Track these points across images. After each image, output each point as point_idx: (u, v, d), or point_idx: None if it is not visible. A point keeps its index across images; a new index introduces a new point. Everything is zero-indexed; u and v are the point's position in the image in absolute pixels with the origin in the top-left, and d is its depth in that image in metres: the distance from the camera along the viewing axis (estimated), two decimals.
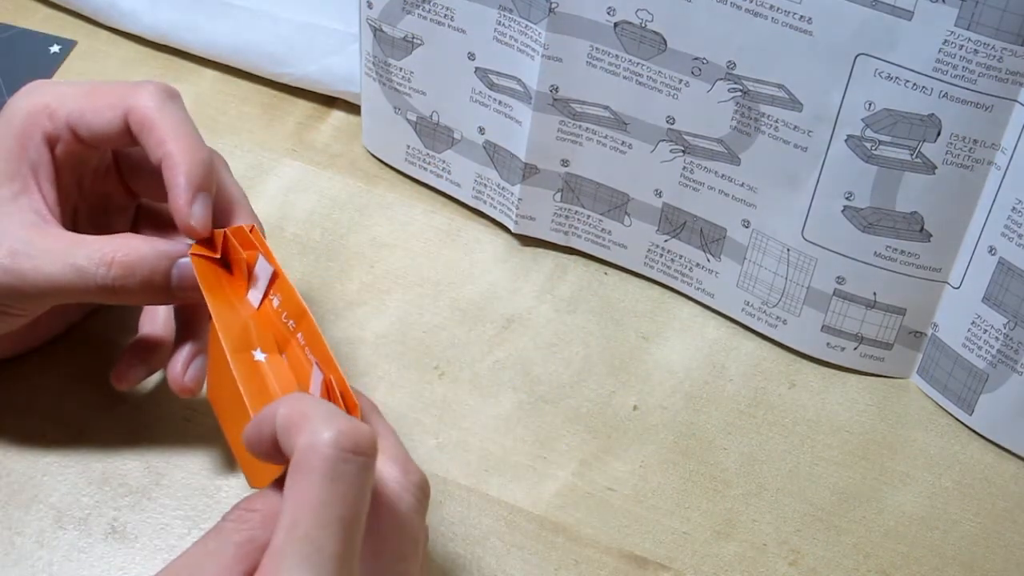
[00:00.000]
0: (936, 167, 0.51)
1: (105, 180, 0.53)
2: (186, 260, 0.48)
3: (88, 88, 0.50)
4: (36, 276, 0.47)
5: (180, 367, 0.50)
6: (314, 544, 0.36)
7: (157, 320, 0.53)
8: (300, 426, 0.37)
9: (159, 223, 0.55)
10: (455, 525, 0.52)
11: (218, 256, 0.49)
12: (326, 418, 0.37)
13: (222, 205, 0.50)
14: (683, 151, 0.56)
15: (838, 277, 0.56)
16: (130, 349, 0.52)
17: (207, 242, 0.48)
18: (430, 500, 0.44)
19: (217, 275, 0.48)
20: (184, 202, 0.47)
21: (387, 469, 0.42)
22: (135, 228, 0.54)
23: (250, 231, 0.49)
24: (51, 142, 0.49)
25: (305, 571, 0.35)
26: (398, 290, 0.60)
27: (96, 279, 0.47)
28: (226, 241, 0.48)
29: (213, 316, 0.46)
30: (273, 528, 0.38)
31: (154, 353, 0.52)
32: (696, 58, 0.53)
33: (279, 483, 0.40)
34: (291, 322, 0.46)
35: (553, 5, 0.53)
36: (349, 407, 0.43)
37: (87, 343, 0.56)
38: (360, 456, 0.37)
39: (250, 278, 0.48)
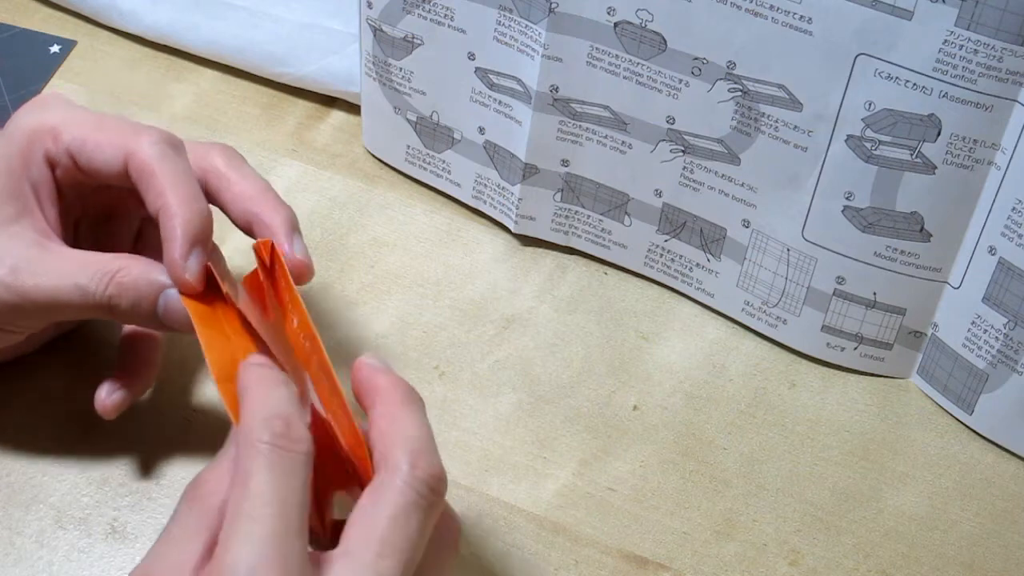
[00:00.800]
0: (936, 167, 0.51)
1: (110, 187, 0.52)
2: (173, 291, 0.47)
3: (95, 119, 0.49)
4: (38, 294, 0.47)
5: None
6: (255, 521, 0.38)
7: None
8: (241, 406, 0.41)
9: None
10: None
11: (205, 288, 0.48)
12: (259, 406, 0.41)
13: (248, 196, 0.50)
14: (683, 151, 0.56)
15: (838, 277, 0.56)
16: (112, 378, 0.51)
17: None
18: None
19: (212, 300, 0.48)
20: (179, 256, 0.47)
21: (397, 461, 0.41)
22: (140, 233, 0.54)
23: (269, 249, 0.48)
24: (51, 163, 0.49)
25: (246, 548, 0.38)
26: (398, 290, 0.60)
27: (95, 297, 0.47)
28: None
29: (202, 347, 0.45)
30: (223, 489, 0.41)
31: (136, 379, 0.52)
32: (696, 58, 0.53)
33: (224, 454, 0.42)
34: (307, 343, 0.46)
35: (553, 5, 0.53)
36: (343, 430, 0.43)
37: (87, 343, 0.56)
38: (290, 450, 0.40)
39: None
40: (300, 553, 0.38)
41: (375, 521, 0.40)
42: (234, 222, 0.51)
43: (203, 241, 0.47)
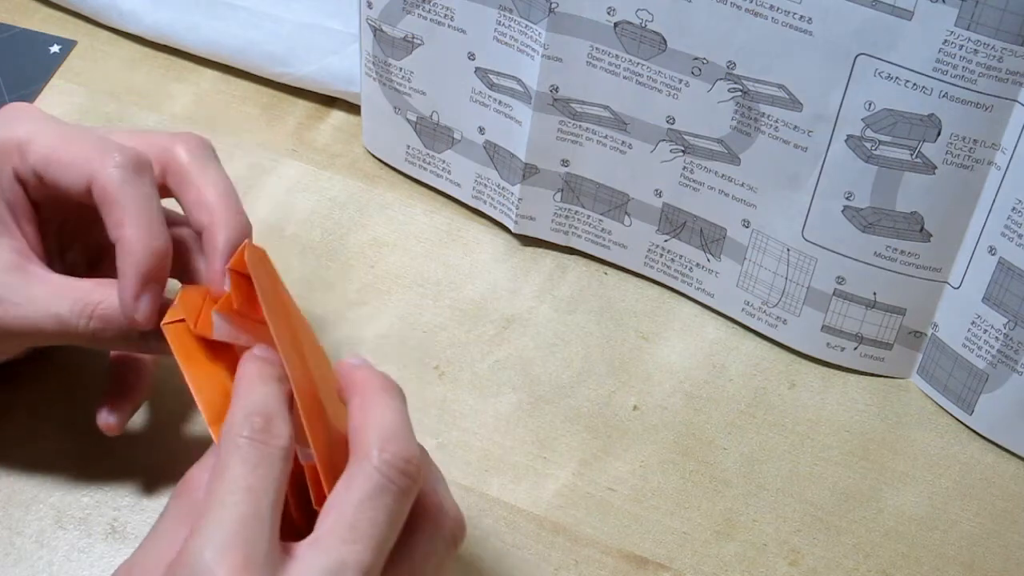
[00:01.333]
0: (936, 167, 0.51)
1: None
2: None
3: (62, 135, 0.48)
4: (18, 323, 0.47)
5: None
6: (224, 508, 0.39)
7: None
8: (232, 398, 0.42)
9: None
10: None
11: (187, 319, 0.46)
12: (244, 402, 0.41)
13: (202, 203, 0.48)
14: (683, 151, 0.56)
15: (838, 277, 0.56)
16: (107, 393, 0.51)
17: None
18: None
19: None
20: (130, 297, 0.46)
21: (367, 447, 0.41)
22: None
23: (243, 265, 0.45)
24: (21, 181, 0.48)
25: (212, 531, 0.38)
26: (398, 290, 0.60)
27: (77, 328, 0.47)
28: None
29: (190, 386, 0.45)
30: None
31: (134, 391, 0.51)
32: (696, 58, 0.53)
33: (212, 451, 0.43)
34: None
35: (553, 5, 0.53)
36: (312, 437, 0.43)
37: None
38: (267, 443, 0.41)
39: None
40: (267, 539, 0.39)
41: (343, 507, 0.40)
42: (190, 226, 0.49)
43: (157, 280, 0.46)
